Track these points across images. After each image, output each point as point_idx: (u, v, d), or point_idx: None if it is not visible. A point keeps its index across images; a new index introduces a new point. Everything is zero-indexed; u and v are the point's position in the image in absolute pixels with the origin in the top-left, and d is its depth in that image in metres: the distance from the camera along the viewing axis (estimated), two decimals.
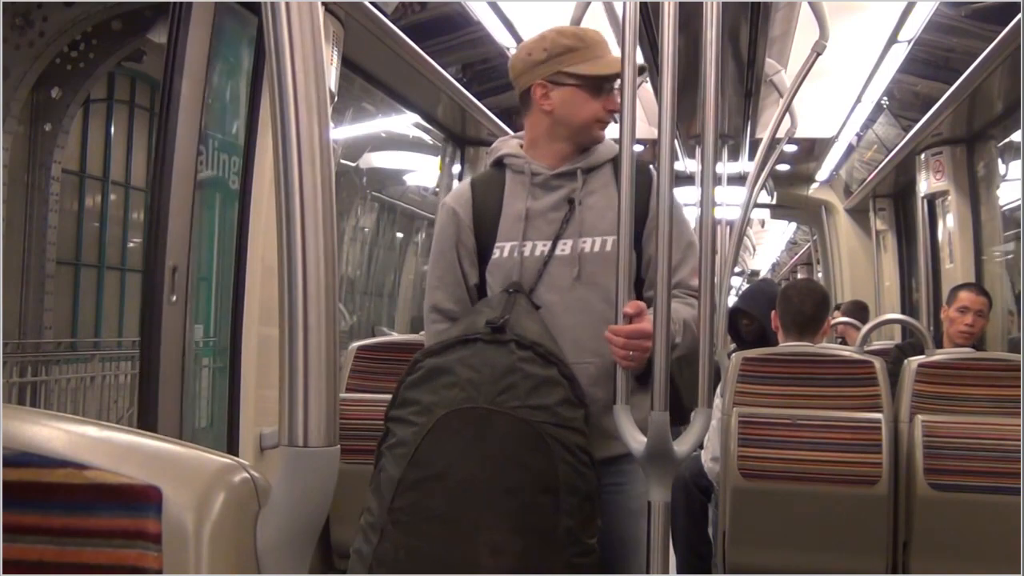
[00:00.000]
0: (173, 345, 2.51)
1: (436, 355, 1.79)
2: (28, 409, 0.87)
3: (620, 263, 1.68)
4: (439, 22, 3.62)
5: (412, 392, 1.77)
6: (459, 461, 1.71)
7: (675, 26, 1.57)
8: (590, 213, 1.89)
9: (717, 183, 3.74)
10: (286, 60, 0.78)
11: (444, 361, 1.77)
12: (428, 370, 1.77)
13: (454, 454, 1.71)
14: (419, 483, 1.69)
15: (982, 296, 3.89)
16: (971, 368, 3.11)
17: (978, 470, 2.86)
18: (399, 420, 1.77)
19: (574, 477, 1.72)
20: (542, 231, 1.90)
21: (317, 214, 0.78)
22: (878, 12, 3.86)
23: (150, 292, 2.48)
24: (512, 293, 1.86)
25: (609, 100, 1.89)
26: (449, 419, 1.71)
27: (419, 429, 1.72)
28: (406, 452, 1.71)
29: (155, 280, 2.47)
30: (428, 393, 1.75)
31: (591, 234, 1.87)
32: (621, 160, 1.67)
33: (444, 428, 1.71)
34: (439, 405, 1.73)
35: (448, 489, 1.69)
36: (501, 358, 1.74)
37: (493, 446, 1.70)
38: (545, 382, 1.74)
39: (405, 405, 1.76)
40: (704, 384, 1.59)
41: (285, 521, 0.80)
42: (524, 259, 1.89)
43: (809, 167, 7.23)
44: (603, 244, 1.86)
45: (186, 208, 2.54)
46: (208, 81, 2.55)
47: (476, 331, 1.78)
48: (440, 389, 1.74)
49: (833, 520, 2.91)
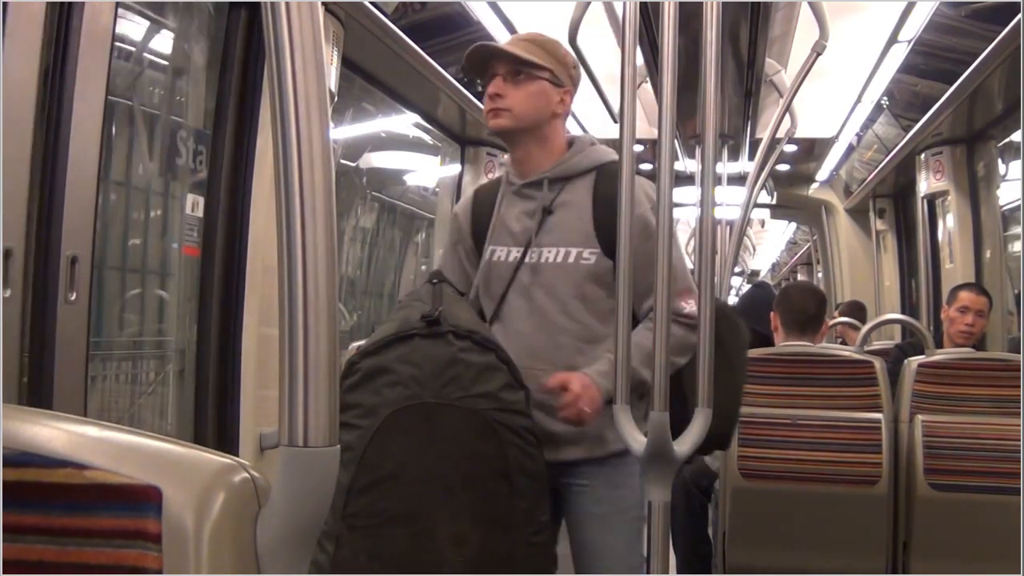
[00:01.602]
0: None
1: (373, 355, 1.77)
2: (28, 409, 0.87)
3: (621, 265, 1.67)
4: (439, 22, 3.62)
5: (352, 395, 1.75)
6: (412, 459, 1.71)
7: (675, 26, 1.57)
8: (559, 224, 1.91)
9: (717, 183, 3.74)
10: (286, 60, 0.78)
11: (382, 360, 1.75)
12: (366, 372, 1.76)
13: (405, 452, 1.71)
14: (371, 486, 1.68)
15: (982, 296, 3.89)
16: (971, 368, 3.11)
17: (978, 470, 2.86)
18: (341, 425, 1.75)
19: (523, 458, 1.75)
20: (518, 238, 1.94)
21: (317, 214, 0.78)
22: (878, 12, 3.85)
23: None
24: (436, 284, 1.88)
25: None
26: (396, 418, 1.71)
27: (364, 432, 1.70)
28: (353, 456, 1.68)
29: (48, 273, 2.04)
30: (370, 395, 1.73)
31: (555, 244, 1.89)
32: (621, 160, 1.67)
33: (391, 427, 1.70)
34: (383, 405, 1.71)
35: (403, 488, 1.69)
36: (441, 351, 1.74)
37: (444, 440, 1.71)
38: (486, 369, 1.76)
39: (346, 409, 1.73)
40: (704, 384, 1.59)
41: (285, 521, 0.80)
42: (499, 264, 1.95)
43: (809, 167, 7.22)
44: (565, 255, 1.88)
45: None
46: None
47: (411, 327, 1.78)
48: (382, 389, 1.73)
49: (833, 520, 2.91)
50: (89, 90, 2.05)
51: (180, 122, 2.89)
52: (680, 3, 1.58)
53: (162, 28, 2.88)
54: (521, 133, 1.95)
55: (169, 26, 2.89)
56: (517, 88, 1.91)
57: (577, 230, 1.88)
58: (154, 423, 2.92)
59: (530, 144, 1.96)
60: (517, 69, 1.91)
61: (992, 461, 2.85)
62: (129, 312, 2.89)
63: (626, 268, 1.65)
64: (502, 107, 1.91)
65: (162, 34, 2.90)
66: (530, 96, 1.91)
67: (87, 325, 2.09)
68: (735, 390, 2.00)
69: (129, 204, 2.83)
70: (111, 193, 2.66)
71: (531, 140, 1.96)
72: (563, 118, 1.98)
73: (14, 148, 1.89)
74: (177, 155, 2.86)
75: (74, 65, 2.00)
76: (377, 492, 1.69)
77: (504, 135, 1.99)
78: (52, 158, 1.99)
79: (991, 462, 2.85)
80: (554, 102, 1.93)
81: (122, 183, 2.77)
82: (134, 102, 2.74)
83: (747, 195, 4.64)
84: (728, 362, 1.83)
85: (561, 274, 1.88)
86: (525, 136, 1.96)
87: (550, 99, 1.93)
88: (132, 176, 2.83)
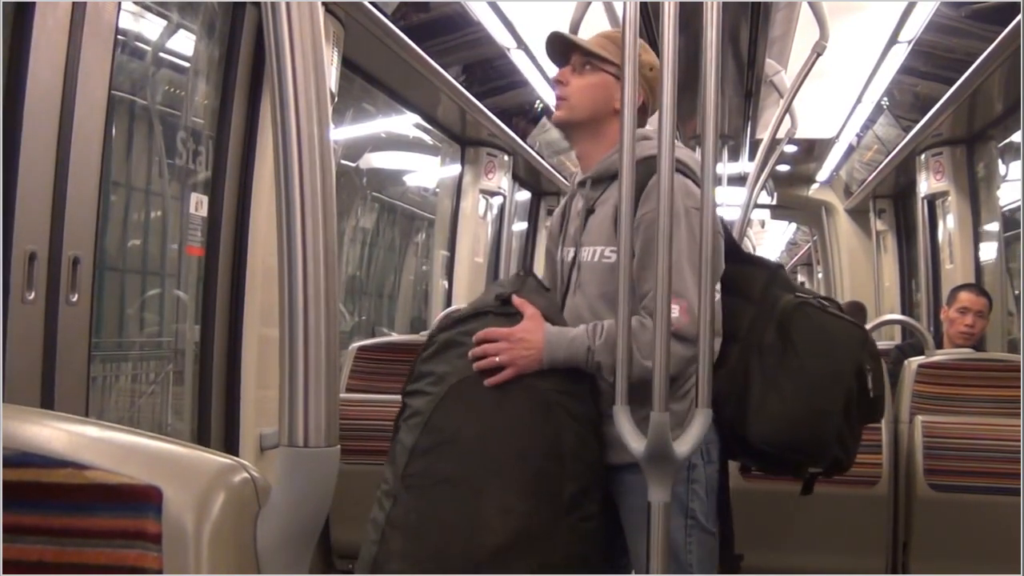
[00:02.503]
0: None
1: (448, 329, 1.85)
2: (28, 409, 0.87)
3: (621, 266, 1.67)
4: (439, 22, 3.61)
5: (426, 365, 1.82)
6: (470, 426, 1.74)
7: (675, 26, 1.57)
8: (594, 223, 1.90)
9: (717, 183, 3.74)
10: (286, 60, 0.78)
11: (456, 334, 1.82)
12: (441, 344, 1.83)
13: (464, 420, 1.75)
14: (432, 449, 1.73)
15: (982, 297, 3.89)
16: (971, 368, 3.11)
17: (978, 470, 2.86)
18: (414, 393, 1.81)
19: (577, 444, 1.75)
20: (572, 239, 1.96)
21: (317, 214, 0.78)
22: (878, 12, 3.85)
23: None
24: (522, 275, 1.94)
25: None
26: (461, 386, 1.76)
27: (432, 398, 1.76)
28: (420, 421, 1.75)
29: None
30: (442, 364, 1.80)
31: (589, 244, 1.89)
32: (621, 160, 1.66)
33: (456, 395, 1.75)
34: (452, 374, 1.77)
35: (459, 452, 1.73)
36: (509, 327, 1.79)
37: (502, 412, 1.75)
38: None
39: (420, 378, 1.81)
40: (704, 384, 1.59)
41: (285, 521, 0.80)
42: (561, 264, 1.98)
43: (809, 168, 7.22)
44: (593, 254, 1.88)
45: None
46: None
47: (487, 305, 1.85)
48: (453, 359, 1.79)
49: (833, 520, 2.91)
50: (92, 89, 2.05)
51: (181, 120, 2.89)
52: (680, 3, 1.58)
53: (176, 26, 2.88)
54: (577, 128, 1.95)
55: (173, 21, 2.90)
56: (579, 78, 1.91)
57: (604, 228, 1.86)
58: (164, 423, 2.92)
59: (586, 140, 1.94)
60: (584, 60, 1.91)
61: (992, 462, 2.85)
62: (130, 312, 2.89)
63: (625, 265, 1.65)
64: (562, 96, 1.92)
65: (168, 30, 2.90)
66: (590, 87, 1.90)
67: (89, 326, 2.10)
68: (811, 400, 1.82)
69: (147, 205, 2.83)
70: (111, 194, 2.66)
71: (587, 135, 1.94)
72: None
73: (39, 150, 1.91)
74: (178, 154, 2.86)
75: (76, 64, 2.00)
76: (435, 454, 1.72)
77: (562, 128, 2.01)
78: (55, 158, 2.00)
79: (991, 462, 2.85)
80: (615, 98, 1.88)
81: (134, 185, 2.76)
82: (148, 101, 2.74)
83: (747, 195, 4.64)
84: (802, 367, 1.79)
85: (589, 273, 1.88)
86: (581, 131, 1.94)
87: (611, 94, 1.89)
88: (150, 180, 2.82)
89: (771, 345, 1.83)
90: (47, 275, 1.97)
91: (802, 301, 1.87)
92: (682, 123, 5.01)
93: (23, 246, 1.92)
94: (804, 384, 1.81)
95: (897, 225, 6.81)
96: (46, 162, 1.97)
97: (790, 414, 1.80)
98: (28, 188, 1.92)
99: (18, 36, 1.89)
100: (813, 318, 1.86)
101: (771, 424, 1.81)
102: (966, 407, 3.04)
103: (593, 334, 1.76)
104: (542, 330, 1.78)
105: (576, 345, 1.76)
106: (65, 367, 2.01)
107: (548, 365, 1.76)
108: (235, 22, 2.87)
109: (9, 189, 1.89)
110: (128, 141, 2.75)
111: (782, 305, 1.87)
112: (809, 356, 1.82)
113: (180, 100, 2.95)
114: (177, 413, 2.92)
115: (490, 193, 5.33)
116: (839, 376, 1.84)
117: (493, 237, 5.52)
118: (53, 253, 1.98)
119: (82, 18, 2.00)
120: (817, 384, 1.82)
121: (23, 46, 1.89)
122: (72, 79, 1.99)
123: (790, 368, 1.82)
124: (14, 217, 1.90)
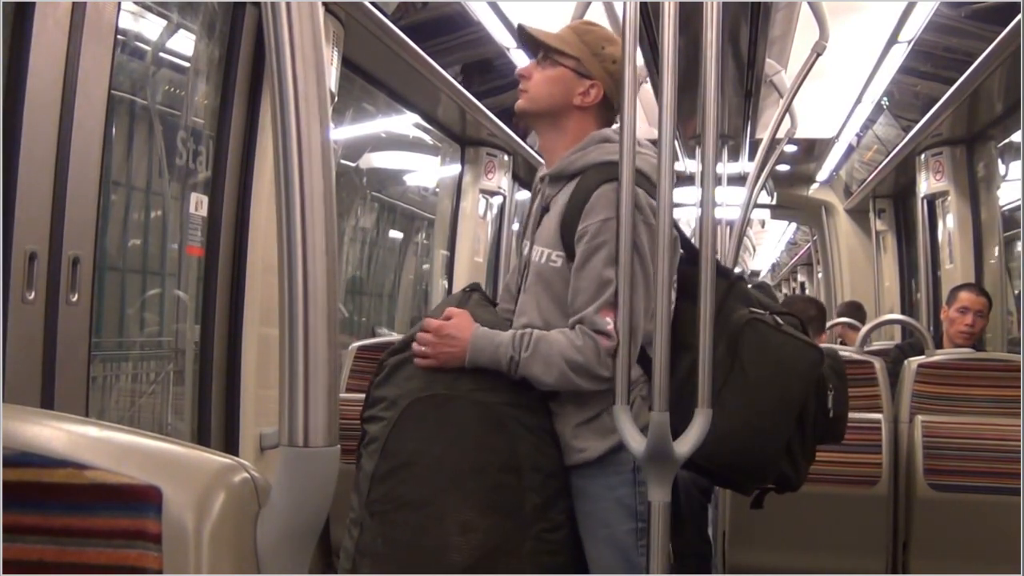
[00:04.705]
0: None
1: (398, 352, 1.86)
2: (28, 409, 0.87)
3: (621, 266, 1.67)
4: (439, 22, 3.62)
5: (379, 391, 1.84)
6: (425, 447, 1.75)
7: (675, 26, 1.57)
8: (546, 223, 1.88)
9: (717, 183, 3.74)
10: (286, 60, 0.78)
11: (404, 356, 1.83)
12: (391, 367, 1.84)
13: (419, 441, 1.76)
14: (390, 474, 1.74)
15: (982, 297, 3.89)
16: (971, 368, 3.11)
17: (978, 470, 2.87)
18: (371, 419, 1.82)
19: (535, 455, 1.76)
20: (529, 235, 1.94)
21: (317, 214, 0.78)
22: (878, 12, 3.85)
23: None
24: (468, 292, 1.94)
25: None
26: (412, 408, 1.77)
27: (387, 423, 1.77)
28: (378, 447, 1.76)
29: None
30: (393, 388, 1.81)
31: (539, 244, 1.87)
32: (621, 161, 1.67)
33: (408, 418, 1.77)
34: (403, 397, 1.79)
35: (416, 475, 1.74)
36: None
37: (454, 430, 1.75)
38: None
39: (375, 404, 1.83)
40: (704, 384, 1.59)
41: (285, 521, 0.80)
42: (521, 257, 1.97)
43: (809, 167, 7.22)
44: (541, 254, 1.85)
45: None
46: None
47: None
48: (402, 382, 1.81)
49: (833, 520, 2.91)
50: (92, 89, 2.05)
51: (181, 120, 2.89)
52: (680, 3, 1.58)
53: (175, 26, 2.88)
54: (536, 119, 1.94)
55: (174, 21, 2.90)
56: (541, 71, 1.89)
57: (551, 231, 1.84)
58: (164, 423, 2.92)
59: (548, 133, 1.93)
60: (544, 54, 1.89)
61: (992, 461, 2.85)
62: (130, 312, 2.88)
63: (626, 264, 1.65)
64: (523, 88, 1.91)
65: (168, 30, 2.90)
66: (548, 80, 1.88)
67: (89, 326, 2.10)
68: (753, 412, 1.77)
69: (147, 205, 2.83)
70: (111, 194, 2.66)
71: (548, 129, 1.92)
72: (591, 112, 1.89)
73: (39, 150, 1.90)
74: (178, 154, 2.86)
75: (76, 63, 2.00)
76: (394, 479, 1.74)
77: (523, 119, 2.01)
78: (55, 158, 2.00)
79: (991, 462, 2.85)
80: (574, 92, 1.86)
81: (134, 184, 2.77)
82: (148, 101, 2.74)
83: (747, 195, 4.64)
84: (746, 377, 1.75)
85: (536, 274, 1.86)
86: (541, 123, 1.93)
87: (569, 88, 1.87)
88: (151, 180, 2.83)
89: (720, 360, 1.72)
90: (47, 275, 1.97)
91: (755, 317, 1.80)
92: (682, 123, 5.01)
93: (23, 246, 1.92)
94: (748, 402, 1.74)
95: (897, 225, 6.81)
96: (46, 162, 1.97)
97: (731, 432, 1.71)
98: (28, 188, 1.92)
99: (18, 36, 1.89)
100: (764, 335, 1.79)
101: (712, 441, 1.67)
102: (966, 407, 3.04)
103: (520, 345, 1.74)
104: (470, 330, 1.78)
105: (500, 353, 1.75)
106: (65, 367, 2.01)
107: (470, 365, 1.76)
108: (235, 22, 2.87)
109: (9, 189, 1.89)
110: (128, 141, 2.75)
111: (735, 319, 1.79)
112: (755, 374, 1.76)
113: (180, 100, 2.95)
114: (177, 413, 2.92)
115: (490, 193, 5.33)
116: (785, 396, 1.79)
117: (493, 237, 5.52)
118: (53, 253, 1.99)
119: (82, 18, 2.00)
120: (761, 404, 1.76)
121: (23, 46, 1.89)
122: (72, 79, 1.99)
123: (735, 385, 1.75)
124: (14, 217, 1.90)
